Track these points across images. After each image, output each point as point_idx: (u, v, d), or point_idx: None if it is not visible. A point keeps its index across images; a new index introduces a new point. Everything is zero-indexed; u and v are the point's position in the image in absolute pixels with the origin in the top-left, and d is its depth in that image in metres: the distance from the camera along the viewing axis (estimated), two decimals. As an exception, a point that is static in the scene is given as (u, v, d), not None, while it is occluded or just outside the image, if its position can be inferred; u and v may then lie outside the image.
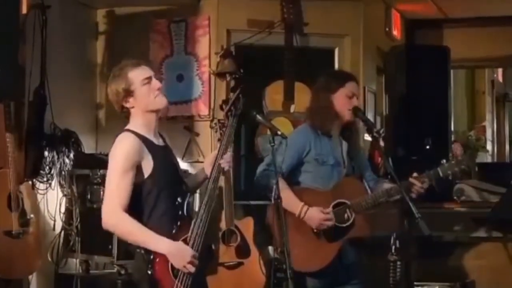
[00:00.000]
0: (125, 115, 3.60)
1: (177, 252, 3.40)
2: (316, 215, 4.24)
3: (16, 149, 5.22)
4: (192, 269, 3.40)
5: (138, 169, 3.45)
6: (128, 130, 3.53)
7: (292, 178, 4.36)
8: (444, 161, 4.34)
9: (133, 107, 3.55)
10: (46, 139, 5.66)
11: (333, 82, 4.44)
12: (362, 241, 4.39)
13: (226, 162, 3.68)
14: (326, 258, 4.25)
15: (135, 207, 3.43)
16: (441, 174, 4.31)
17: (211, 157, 3.74)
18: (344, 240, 4.29)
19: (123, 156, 3.43)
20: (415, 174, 4.33)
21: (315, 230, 4.26)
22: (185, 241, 3.45)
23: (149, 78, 3.56)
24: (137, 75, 3.54)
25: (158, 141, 3.61)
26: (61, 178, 5.73)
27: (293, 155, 4.31)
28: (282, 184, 4.19)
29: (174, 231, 3.46)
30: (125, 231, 3.43)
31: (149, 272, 3.39)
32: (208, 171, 3.71)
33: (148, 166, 3.47)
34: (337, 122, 4.42)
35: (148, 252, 3.41)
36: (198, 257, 3.44)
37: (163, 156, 3.57)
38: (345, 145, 4.48)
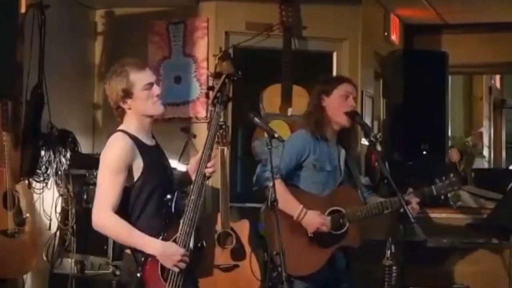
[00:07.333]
0: (119, 114, 3.55)
1: (168, 253, 3.36)
2: (314, 219, 4.24)
3: (13, 148, 5.22)
4: (182, 265, 3.36)
5: (129, 170, 3.42)
6: (121, 131, 3.51)
7: (288, 181, 4.35)
8: (438, 180, 4.40)
9: (129, 109, 3.52)
10: (43, 139, 5.65)
11: (327, 85, 4.46)
12: (353, 250, 4.40)
13: (210, 168, 3.57)
14: (317, 263, 4.26)
15: (125, 208, 3.42)
16: (435, 193, 4.41)
17: (194, 163, 3.64)
18: (336, 247, 4.30)
19: (115, 157, 3.41)
20: (410, 190, 4.36)
21: (309, 235, 4.26)
22: (175, 241, 3.40)
23: (151, 84, 3.50)
24: (140, 78, 3.47)
25: (151, 142, 3.59)
26: (58, 177, 5.71)
27: (291, 159, 4.31)
28: (282, 185, 4.20)
29: (163, 232, 3.41)
30: (115, 232, 3.41)
31: (138, 275, 3.36)
32: (192, 177, 3.60)
33: (139, 167, 3.45)
34: (334, 127, 4.41)
35: (137, 254, 3.39)
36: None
37: (153, 157, 3.54)
38: (343, 153, 4.47)
